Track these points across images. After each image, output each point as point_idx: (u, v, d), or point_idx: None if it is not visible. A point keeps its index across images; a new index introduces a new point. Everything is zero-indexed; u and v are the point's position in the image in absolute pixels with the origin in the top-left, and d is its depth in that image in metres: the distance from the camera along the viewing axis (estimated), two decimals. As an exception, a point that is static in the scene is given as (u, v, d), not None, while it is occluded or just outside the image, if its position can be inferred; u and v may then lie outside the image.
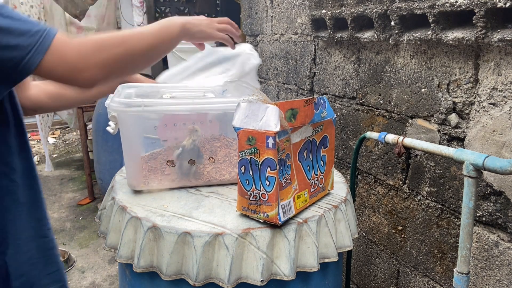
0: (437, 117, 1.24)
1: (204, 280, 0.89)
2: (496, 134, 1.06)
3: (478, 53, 1.09)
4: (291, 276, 0.90)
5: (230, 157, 1.15)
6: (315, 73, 1.89)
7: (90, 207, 3.31)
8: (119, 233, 1.00)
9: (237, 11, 3.39)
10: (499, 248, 1.10)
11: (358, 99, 1.60)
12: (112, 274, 2.43)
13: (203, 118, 1.13)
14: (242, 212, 0.96)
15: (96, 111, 2.97)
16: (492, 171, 0.91)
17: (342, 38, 1.58)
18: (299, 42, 1.98)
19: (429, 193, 1.31)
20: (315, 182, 1.04)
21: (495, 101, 1.05)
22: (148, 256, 0.93)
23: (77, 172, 4.12)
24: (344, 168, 1.78)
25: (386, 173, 1.50)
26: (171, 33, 0.86)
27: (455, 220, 1.23)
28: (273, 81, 2.33)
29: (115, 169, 1.38)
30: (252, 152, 0.90)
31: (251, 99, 0.93)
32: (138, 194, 1.09)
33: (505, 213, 1.07)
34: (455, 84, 1.17)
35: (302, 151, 0.98)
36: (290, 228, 0.92)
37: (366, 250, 1.68)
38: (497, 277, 1.11)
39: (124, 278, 1.08)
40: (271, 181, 0.89)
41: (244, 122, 0.91)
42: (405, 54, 1.33)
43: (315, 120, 0.99)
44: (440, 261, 1.31)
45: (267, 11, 2.28)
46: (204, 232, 0.89)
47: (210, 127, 1.14)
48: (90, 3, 2.40)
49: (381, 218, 1.56)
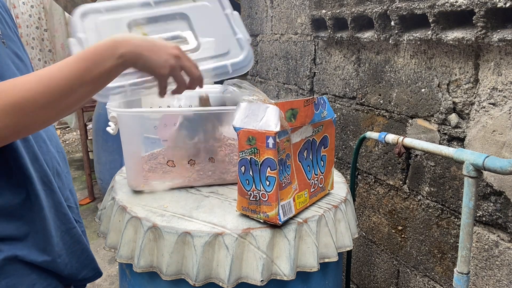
0: (437, 117, 1.24)
1: (204, 280, 0.89)
2: (496, 134, 1.06)
3: (478, 53, 1.09)
4: (291, 276, 0.90)
5: (230, 157, 1.15)
6: (315, 73, 1.89)
7: (90, 207, 3.31)
8: (119, 233, 1.00)
9: (237, 11, 3.39)
10: (499, 248, 1.10)
11: (358, 99, 1.60)
12: (112, 274, 2.43)
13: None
14: (242, 212, 0.96)
15: (96, 111, 2.97)
16: (492, 171, 0.91)
17: (342, 38, 1.58)
18: (299, 42, 1.98)
19: (429, 193, 1.31)
20: (315, 182, 1.04)
21: (495, 101, 1.05)
22: (148, 256, 0.93)
23: (77, 172, 4.12)
24: (344, 168, 1.78)
25: (386, 173, 1.50)
26: (101, 66, 0.64)
27: (455, 220, 1.23)
28: (273, 81, 2.33)
29: (115, 169, 1.39)
30: (252, 152, 0.90)
31: (251, 99, 0.93)
32: (138, 194, 1.09)
33: (505, 213, 1.07)
34: (455, 84, 1.17)
35: (302, 151, 0.98)
36: (290, 228, 0.92)
37: (366, 250, 1.68)
38: (497, 277, 1.11)
39: (124, 278, 1.08)
40: (271, 181, 0.89)
41: (244, 122, 0.91)
42: (405, 54, 1.33)
43: (315, 120, 0.99)
44: (440, 261, 1.31)
45: (267, 11, 2.28)
46: (204, 232, 0.89)
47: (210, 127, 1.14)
48: (90, 3, 2.40)
49: (381, 218, 1.56)
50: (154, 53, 0.69)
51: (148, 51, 0.69)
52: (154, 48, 0.70)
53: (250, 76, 2.67)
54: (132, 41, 0.67)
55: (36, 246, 0.78)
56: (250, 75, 2.67)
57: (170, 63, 0.71)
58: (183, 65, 0.74)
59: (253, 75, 2.62)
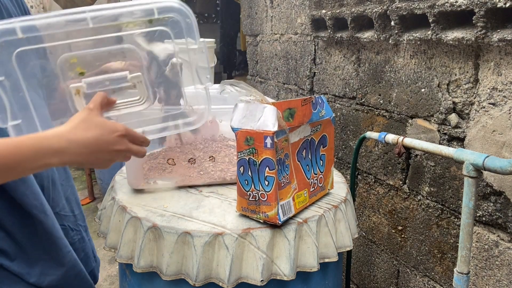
0: (437, 117, 1.24)
1: (204, 280, 0.89)
2: (496, 134, 1.06)
3: (478, 53, 1.09)
4: (291, 276, 0.90)
5: (230, 157, 1.15)
6: (315, 73, 1.89)
7: (90, 207, 3.31)
8: (119, 233, 1.00)
9: (237, 11, 3.40)
10: (499, 248, 1.10)
11: (358, 99, 1.60)
12: (112, 274, 2.43)
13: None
14: (241, 212, 0.96)
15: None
16: (492, 171, 0.91)
17: (342, 38, 1.58)
18: (299, 42, 1.98)
19: (429, 193, 1.31)
20: (315, 181, 1.04)
21: (495, 101, 1.05)
22: (148, 256, 0.93)
23: (77, 172, 4.12)
24: (344, 168, 1.78)
25: (386, 173, 1.50)
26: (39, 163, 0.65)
27: (455, 220, 1.23)
28: (273, 81, 2.33)
29: (115, 169, 1.38)
30: (251, 152, 0.90)
31: (248, 99, 0.93)
32: (138, 194, 1.09)
33: (505, 213, 1.07)
34: (455, 84, 1.17)
35: (301, 150, 0.98)
36: (290, 228, 0.92)
37: (366, 250, 1.68)
38: (497, 277, 1.11)
39: (124, 278, 1.08)
40: (270, 181, 0.89)
41: (242, 123, 0.91)
42: (405, 54, 1.33)
43: (313, 119, 0.99)
44: (440, 261, 1.31)
45: (267, 11, 2.28)
46: (204, 232, 0.89)
47: (210, 127, 1.14)
48: (90, 3, 2.41)
49: (381, 218, 1.56)
50: (96, 158, 0.70)
51: (89, 160, 0.69)
52: (97, 154, 0.69)
53: (250, 76, 2.67)
54: (73, 150, 0.66)
55: (26, 268, 0.82)
56: (250, 75, 2.67)
57: (114, 160, 0.72)
58: (129, 152, 0.74)
59: (253, 75, 2.62)
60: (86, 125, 0.68)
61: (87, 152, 0.68)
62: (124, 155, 0.73)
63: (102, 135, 0.68)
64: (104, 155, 0.70)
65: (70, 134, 0.66)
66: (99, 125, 0.69)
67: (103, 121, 0.70)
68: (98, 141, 0.68)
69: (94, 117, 0.70)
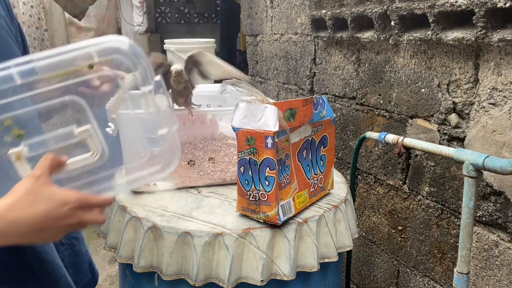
0: (437, 117, 1.24)
1: (204, 280, 0.89)
2: (496, 134, 1.06)
3: (478, 53, 1.09)
4: (291, 276, 0.90)
5: (230, 157, 1.15)
6: (315, 73, 1.89)
7: (90, 207, 3.31)
8: (119, 233, 1.00)
9: (237, 11, 3.39)
10: (499, 248, 1.10)
11: (358, 99, 1.60)
12: (112, 274, 2.43)
13: (203, 117, 1.13)
14: (242, 212, 0.96)
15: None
16: (492, 171, 0.91)
17: (342, 38, 1.58)
18: (299, 42, 1.98)
19: (429, 193, 1.31)
20: (315, 181, 1.04)
21: (495, 101, 1.05)
22: (148, 256, 0.93)
23: (77, 172, 4.11)
24: (344, 168, 1.78)
25: (386, 173, 1.50)
26: None
27: (455, 220, 1.23)
28: (273, 81, 2.33)
29: (115, 169, 1.38)
30: (251, 152, 0.90)
31: (249, 99, 0.93)
32: (138, 194, 1.09)
33: (505, 213, 1.07)
34: (455, 84, 1.17)
35: (301, 150, 0.98)
36: (290, 228, 0.92)
37: (366, 250, 1.68)
38: (497, 277, 1.11)
39: (124, 278, 1.08)
40: (270, 181, 0.89)
41: (243, 122, 0.91)
42: (405, 54, 1.33)
43: (314, 119, 0.99)
44: (440, 261, 1.31)
45: (267, 11, 2.28)
46: (204, 232, 0.89)
47: (210, 127, 1.14)
48: (90, 3, 2.40)
49: (381, 218, 1.56)
50: (44, 234, 0.62)
51: (35, 240, 0.64)
52: (44, 231, 0.62)
53: (250, 76, 2.67)
54: (15, 232, 0.59)
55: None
56: (250, 75, 2.67)
57: (65, 232, 0.65)
58: (84, 224, 0.66)
59: (253, 75, 2.62)
60: (32, 197, 0.60)
61: (33, 231, 0.60)
62: (77, 227, 0.65)
63: (49, 211, 0.60)
64: (52, 231, 0.62)
65: (11, 212, 0.58)
66: (47, 197, 0.60)
67: (51, 192, 0.61)
68: (46, 218, 0.60)
69: (40, 187, 0.61)
